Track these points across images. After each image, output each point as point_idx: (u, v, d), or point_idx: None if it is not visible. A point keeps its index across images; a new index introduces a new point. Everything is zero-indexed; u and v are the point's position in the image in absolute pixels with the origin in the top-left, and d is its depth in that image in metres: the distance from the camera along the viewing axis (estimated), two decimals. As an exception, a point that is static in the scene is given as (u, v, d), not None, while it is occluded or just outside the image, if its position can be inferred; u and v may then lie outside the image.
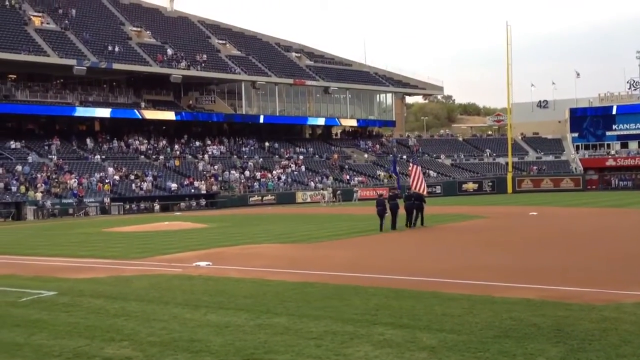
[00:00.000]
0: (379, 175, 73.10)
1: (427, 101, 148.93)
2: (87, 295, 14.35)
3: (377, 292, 13.34)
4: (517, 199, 57.56)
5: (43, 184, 54.58)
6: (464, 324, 10.31)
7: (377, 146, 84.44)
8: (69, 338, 10.63)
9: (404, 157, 76.08)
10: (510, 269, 16.28)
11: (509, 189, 71.22)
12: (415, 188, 30.59)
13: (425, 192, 31.04)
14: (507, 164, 76.56)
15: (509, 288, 13.46)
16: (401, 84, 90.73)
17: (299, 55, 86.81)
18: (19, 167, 56.03)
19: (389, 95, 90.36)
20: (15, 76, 64.51)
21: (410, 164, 35.21)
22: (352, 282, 14.80)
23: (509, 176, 73.02)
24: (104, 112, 65.58)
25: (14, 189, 52.93)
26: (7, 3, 68.66)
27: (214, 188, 62.63)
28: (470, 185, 71.70)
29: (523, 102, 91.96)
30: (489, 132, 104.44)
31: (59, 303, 13.63)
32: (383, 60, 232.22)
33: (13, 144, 59.93)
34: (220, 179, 64.79)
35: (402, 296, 12.90)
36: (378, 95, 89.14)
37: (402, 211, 29.13)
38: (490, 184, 72.09)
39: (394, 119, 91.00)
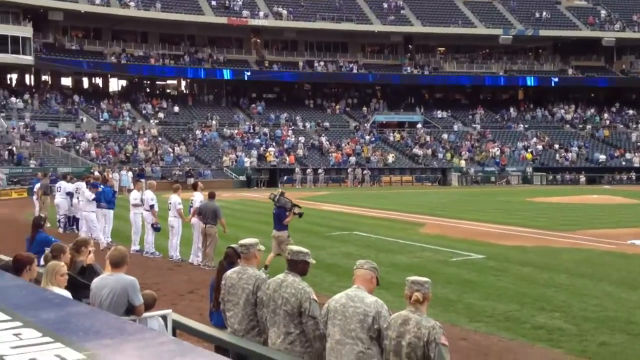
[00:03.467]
0: None
1: None
2: (515, 262, 14.25)
3: None
4: None
5: (467, 152, 56.71)
6: None
7: None
8: (499, 301, 10.67)
9: None
10: None
11: None
12: None
13: None
14: None
15: None
16: None
17: None
18: (444, 135, 59.15)
19: None
20: (443, 49, 68.09)
21: None
22: None
23: None
24: (528, 81, 65.09)
25: (440, 155, 56.17)
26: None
27: (647, 161, 57.25)
28: None
29: None
30: None
31: (487, 266, 13.78)
32: None
33: (440, 114, 63.41)
34: (658, 151, 58.97)
35: None
36: None
37: None
38: None
39: None
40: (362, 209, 28.01)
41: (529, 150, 57.29)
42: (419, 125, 60.38)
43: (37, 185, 22.02)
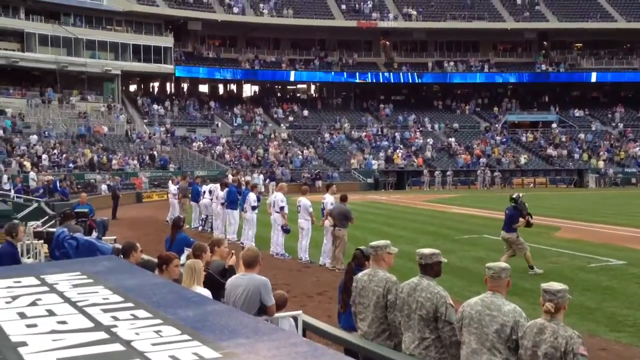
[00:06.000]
0: None
1: None
2: (659, 269, 13.34)
3: None
4: None
5: (606, 152, 53.83)
6: None
7: None
8: (642, 311, 10.03)
9: None
10: None
11: None
12: None
13: None
14: None
15: None
16: None
17: None
18: (582, 135, 56.45)
19: None
20: (581, 45, 64.92)
21: None
22: None
23: None
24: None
25: (576, 156, 53.66)
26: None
27: None
28: None
29: None
30: None
31: (629, 273, 13.03)
32: None
33: (577, 112, 60.56)
34: None
35: None
36: None
37: None
38: None
39: None
40: (492, 212, 27.17)
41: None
42: (554, 125, 58.00)
43: (175, 188, 22.98)
